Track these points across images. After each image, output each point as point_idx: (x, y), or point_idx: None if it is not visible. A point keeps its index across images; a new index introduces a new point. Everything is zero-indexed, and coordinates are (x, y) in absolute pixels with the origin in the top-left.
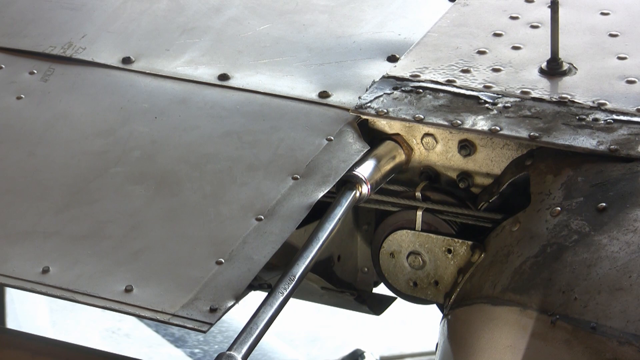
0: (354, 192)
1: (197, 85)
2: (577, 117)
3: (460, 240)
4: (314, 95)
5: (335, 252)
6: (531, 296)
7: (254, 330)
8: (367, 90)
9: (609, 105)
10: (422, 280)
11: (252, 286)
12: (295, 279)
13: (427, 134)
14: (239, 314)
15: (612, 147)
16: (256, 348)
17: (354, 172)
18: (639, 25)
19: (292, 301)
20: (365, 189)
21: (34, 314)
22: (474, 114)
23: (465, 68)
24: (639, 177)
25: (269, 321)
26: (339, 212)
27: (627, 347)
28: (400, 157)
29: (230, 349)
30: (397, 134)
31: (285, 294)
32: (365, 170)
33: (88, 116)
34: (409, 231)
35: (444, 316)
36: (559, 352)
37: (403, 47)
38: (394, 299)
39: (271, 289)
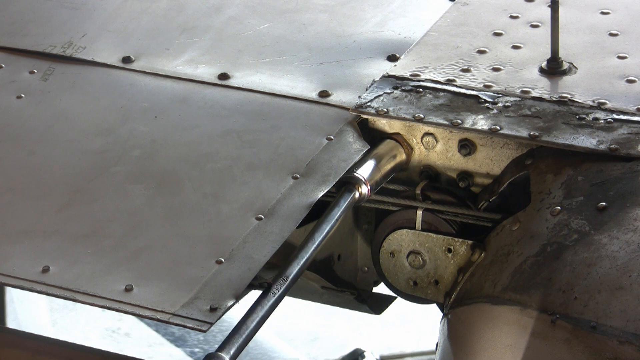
0: (353, 193)
1: (197, 84)
2: (577, 117)
3: (460, 240)
4: (314, 95)
5: (336, 252)
6: (531, 295)
7: (244, 331)
8: (367, 89)
9: (609, 105)
10: (422, 280)
11: (252, 285)
12: (289, 281)
13: (427, 133)
14: (239, 313)
15: (612, 146)
16: (256, 347)
17: (353, 173)
18: (639, 25)
19: (293, 300)
20: (365, 190)
21: (34, 313)
22: (474, 113)
23: (466, 67)
24: (639, 177)
25: (260, 322)
26: (337, 213)
27: (627, 346)
28: (401, 156)
29: (219, 349)
30: (397, 133)
31: (278, 295)
32: (365, 170)
33: (88, 115)
34: (409, 230)
35: (444, 315)
36: (559, 352)
37: (403, 47)
38: (394, 298)
39: (264, 290)
